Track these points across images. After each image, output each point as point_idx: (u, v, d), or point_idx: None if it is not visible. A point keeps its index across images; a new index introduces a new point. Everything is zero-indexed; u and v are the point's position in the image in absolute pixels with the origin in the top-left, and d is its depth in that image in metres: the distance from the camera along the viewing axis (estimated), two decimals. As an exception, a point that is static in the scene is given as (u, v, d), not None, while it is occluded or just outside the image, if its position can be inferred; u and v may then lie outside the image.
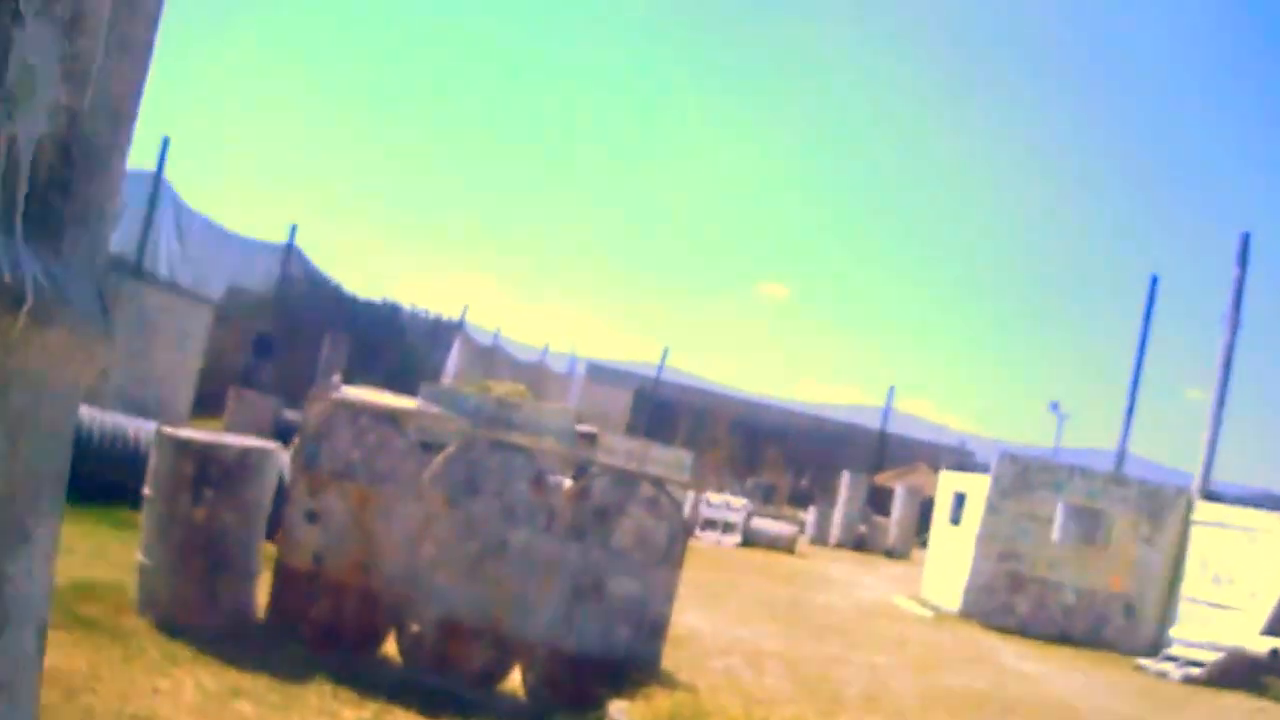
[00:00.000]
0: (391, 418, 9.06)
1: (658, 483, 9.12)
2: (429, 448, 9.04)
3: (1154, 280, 25.19)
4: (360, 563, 8.70)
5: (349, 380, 12.19)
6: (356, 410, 8.94)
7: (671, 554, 8.91)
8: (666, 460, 9.92)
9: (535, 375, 42.27)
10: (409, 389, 11.25)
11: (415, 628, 8.59)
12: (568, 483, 9.53)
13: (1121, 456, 24.68)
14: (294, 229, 35.84)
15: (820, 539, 33.90)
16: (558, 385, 46.51)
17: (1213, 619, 18.36)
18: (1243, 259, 22.17)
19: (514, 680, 8.62)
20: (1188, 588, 19.45)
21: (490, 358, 42.56)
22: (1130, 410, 24.79)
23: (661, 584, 8.87)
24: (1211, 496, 21.00)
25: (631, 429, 36.59)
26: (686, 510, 12.56)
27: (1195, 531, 19.91)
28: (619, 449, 10.26)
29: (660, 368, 53.19)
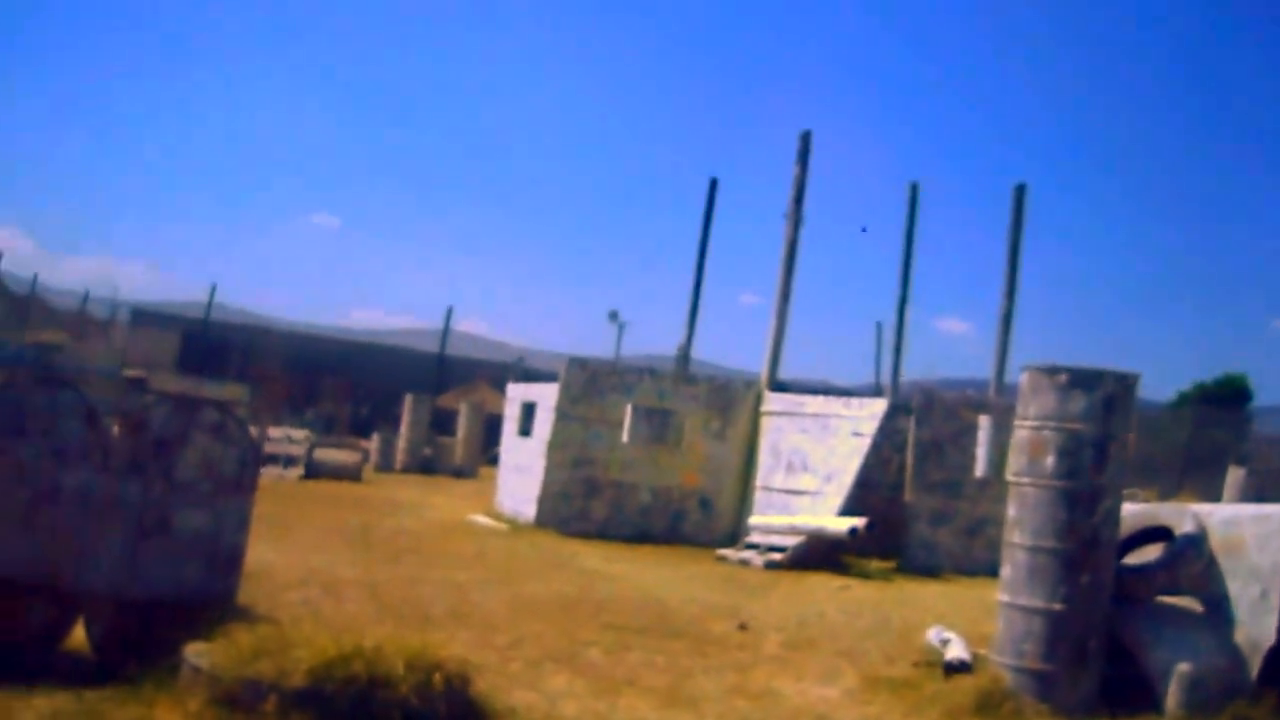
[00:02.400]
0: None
1: (222, 406, 8.75)
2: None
3: (713, 183, 25.75)
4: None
5: None
6: None
7: (243, 481, 8.58)
8: (221, 398, 9.55)
9: (76, 323, 40.59)
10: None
11: (-39, 588, 7.98)
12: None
13: (685, 360, 25.22)
14: None
15: (386, 466, 33.83)
16: (100, 333, 44.85)
17: (790, 504, 19.14)
18: (803, 157, 22.93)
19: (79, 636, 8.11)
20: (763, 477, 20.21)
21: (26, 308, 40.67)
22: (693, 314, 25.33)
23: (234, 513, 8.52)
24: (779, 389, 21.77)
25: (182, 370, 35.43)
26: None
27: (765, 422, 20.67)
28: (171, 390, 9.84)
29: (209, 306, 51.82)
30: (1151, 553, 9.33)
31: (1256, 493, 27.71)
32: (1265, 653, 8.31)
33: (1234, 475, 28.64)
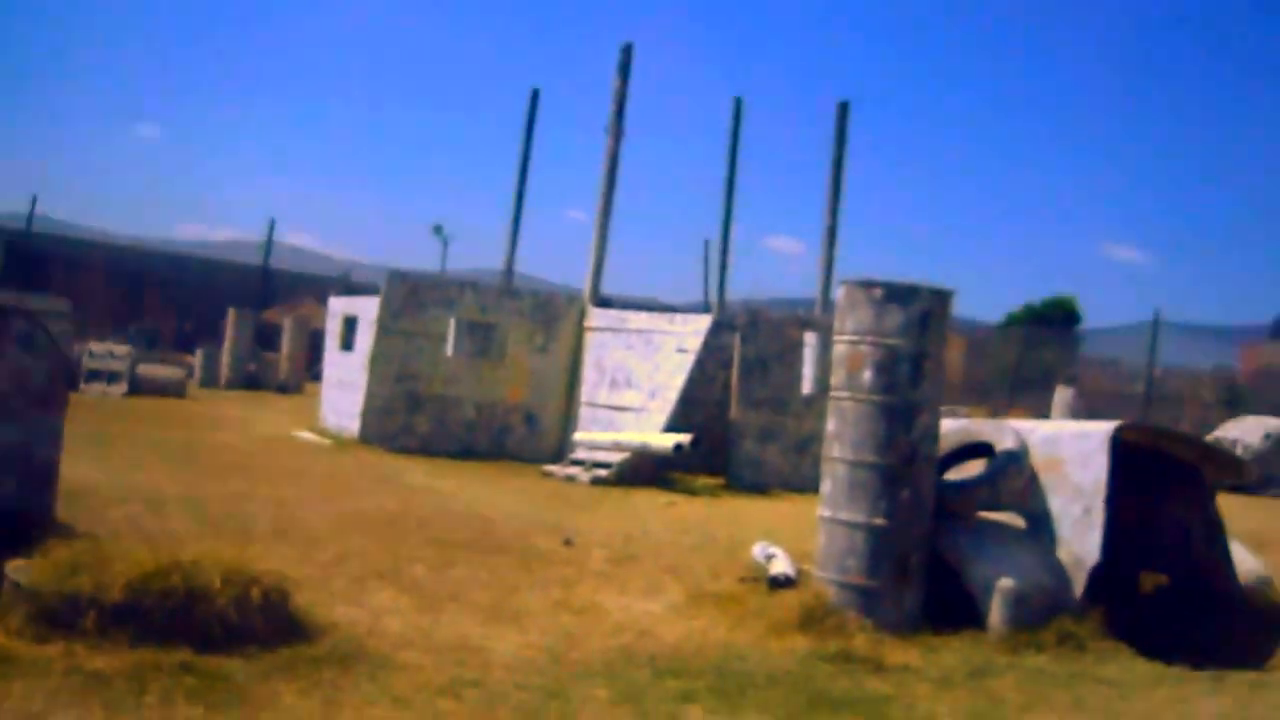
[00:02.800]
0: None
1: (31, 316, 8.51)
2: None
3: (534, 94, 25.52)
4: None
5: None
6: None
7: (54, 395, 8.36)
8: (41, 311, 9.28)
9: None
10: None
11: None
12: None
13: (510, 275, 25.11)
14: None
15: (210, 381, 33.41)
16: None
17: (615, 420, 19.19)
18: (624, 70, 22.78)
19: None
20: (587, 393, 20.22)
21: None
22: (515, 228, 25.18)
23: (46, 428, 8.31)
24: (603, 304, 21.77)
25: (2, 285, 34.44)
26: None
27: (590, 337, 20.65)
28: (-13, 304, 9.49)
29: (30, 219, 50.35)
30: (973, 469, 9.48)
31: (1085, 413, 28.49)
32: (1089, 569, 8.46)
33: (1062, 395, 29.41)
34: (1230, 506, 12.61)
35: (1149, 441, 9.92)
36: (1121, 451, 9.01)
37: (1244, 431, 27.36)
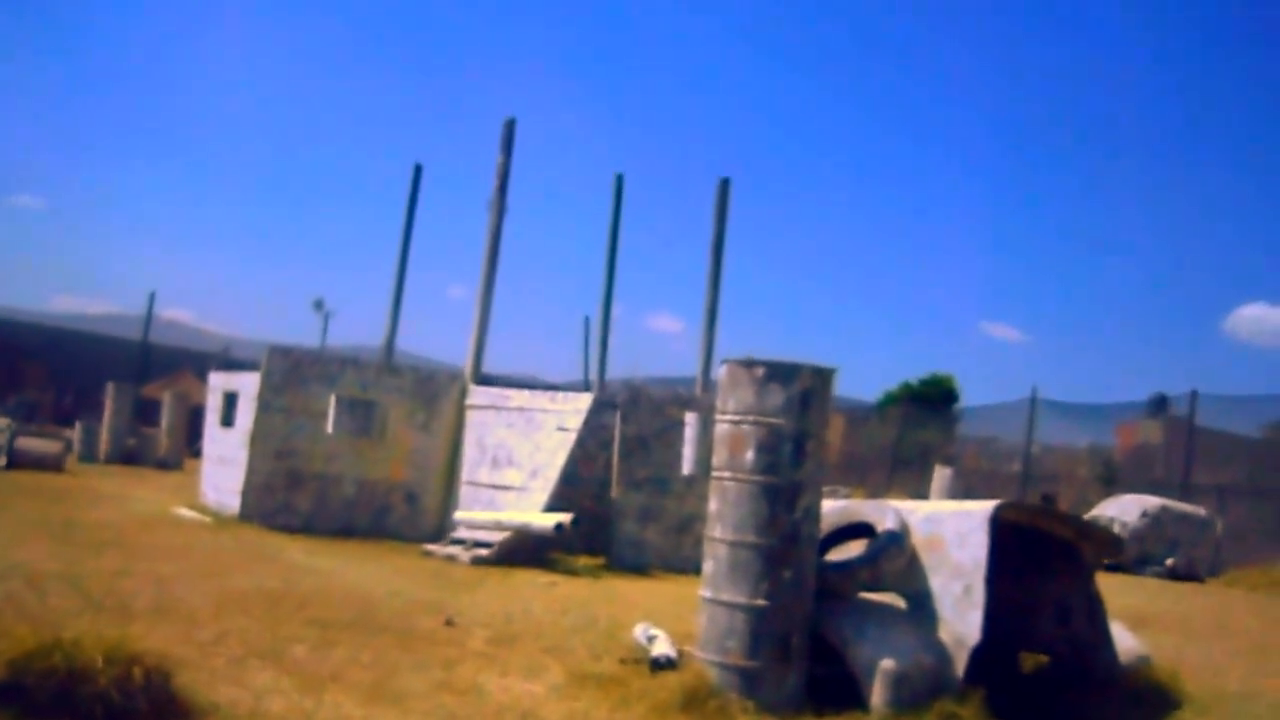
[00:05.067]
0: None
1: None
2: None
3: (418, 170, 25.44)
4: None
5: None
6: None
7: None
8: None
9: None
10: None
11: None
12: None
13: (390, 351, 24.93)
14: None
15: (89, 456, 32.96)
16: None
17: (496, 500, 19.10)
18: (508, 145, 22.83)
19: None
20: (468, 471, 20.11)
21: None
22: (397, 304, 25.01)
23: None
24: (485, 381, 21.71)
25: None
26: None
27: (471, 416, 20.57)
28: None
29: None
30: (855, 549, 9.55)
31: (963, 491, 28.84)
32: (970, 649, 8.51)
33: (940, 474, 29.71)
34: (1110, 585, 12.83)
35: (1028, 520, 10.07)
36: (1002, 530, 9.13)
37: (1121, 509, 27.86)
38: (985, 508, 9.16)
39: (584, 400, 19.57)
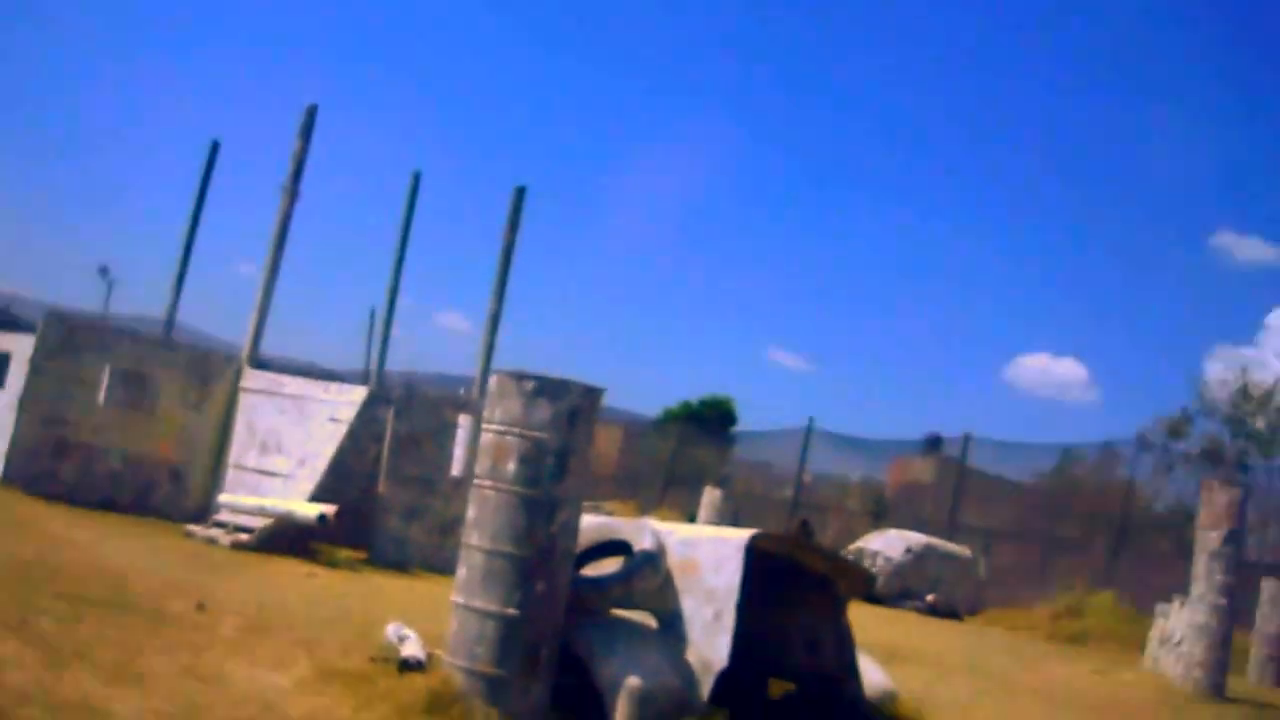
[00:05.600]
0: None
1: None
2: None
3: (215, 146, 25.01)
4: None
5: None
6: None
7: None
8: None
9: None
10: None
11: None
12: None
13: (171, 324, 24.47)
14: None
15: None
16: None
17: (262, 485, 18.92)
18: (307, 131, 22.63)
19: None
20: (236, 454, 19.90)
21: None
22: (181, 278, 24.54)
23: None
24: (262, 365, 21.49)
25: None
26: None
27: (244, 399, 20.35)
28: None
29: None
30: (610, 566, 9.69)
31: (732, 514, 29.21)
32: (717, 673, 8.67)
33: (710, 495, 30.01)
34: (869, 618, 13.21)
35: (784, 551, 10.31)
36: (758, 559, 9.34)
37: (886, 543, 28.53)
38: (741, 536, 9.34)
39: (359, 393, 19.51)
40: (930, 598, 26.82)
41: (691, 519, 28.63)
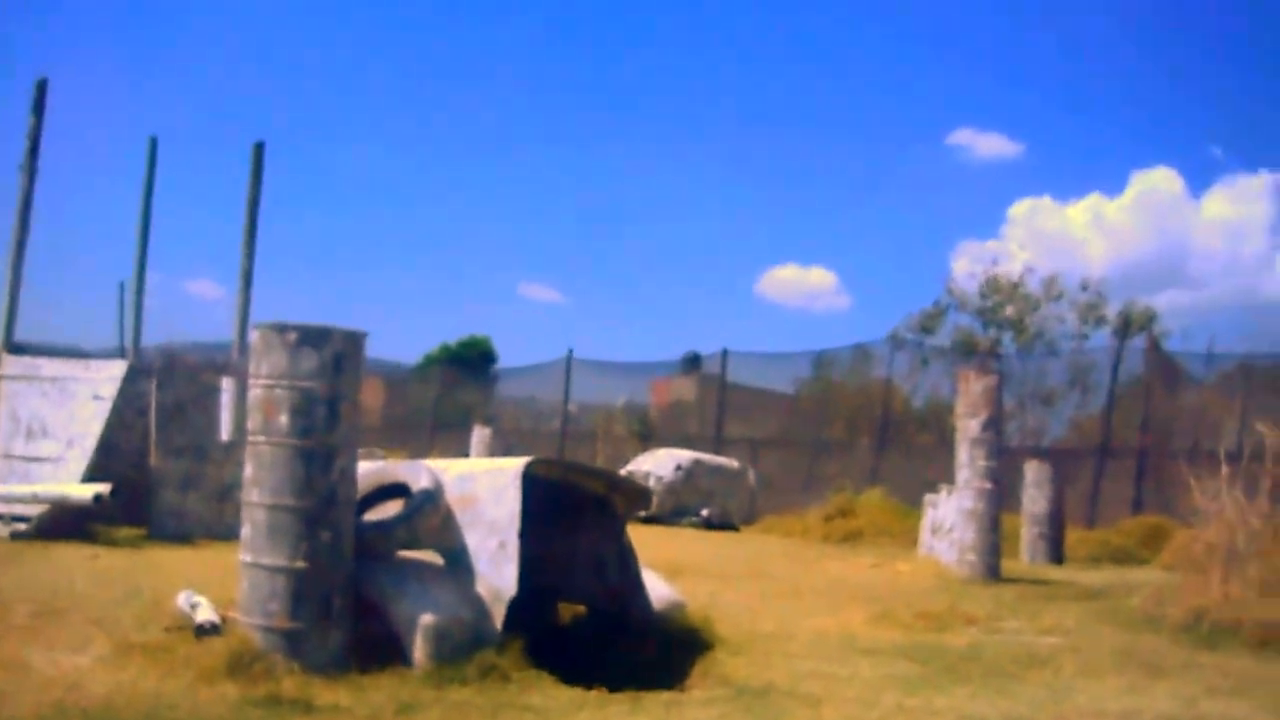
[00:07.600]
0: None
1: None
2: None
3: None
4: None
5: None
6: None
7: None
8: None
9: None
10: None
11: None
12: None
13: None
14: None
15: None
16: None
17: (33, 472, 18.31)
18: (39, 107, 21.83)
19: None
20: (4, 444, 19.19)
21: None
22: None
23: None
24: (19, 351, 20.76)
25: None
26: None
27: (4, 386, 19.65)
28: None
29: None
30: (392, 509, 9.64)
31: (503, 450, 29.23)
32: (507, 602, 8.75)
33: (480, 434, 30.08)
34: (648, 536, 13.35)
35: (561, 476, 10.37)
36: (536, 486, 9.38)
37: (656, 464, 28.73)
38: (517, 464, 9.41)
39: (118, 368, 18.98)
40: (705, 512, 27.10)
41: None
